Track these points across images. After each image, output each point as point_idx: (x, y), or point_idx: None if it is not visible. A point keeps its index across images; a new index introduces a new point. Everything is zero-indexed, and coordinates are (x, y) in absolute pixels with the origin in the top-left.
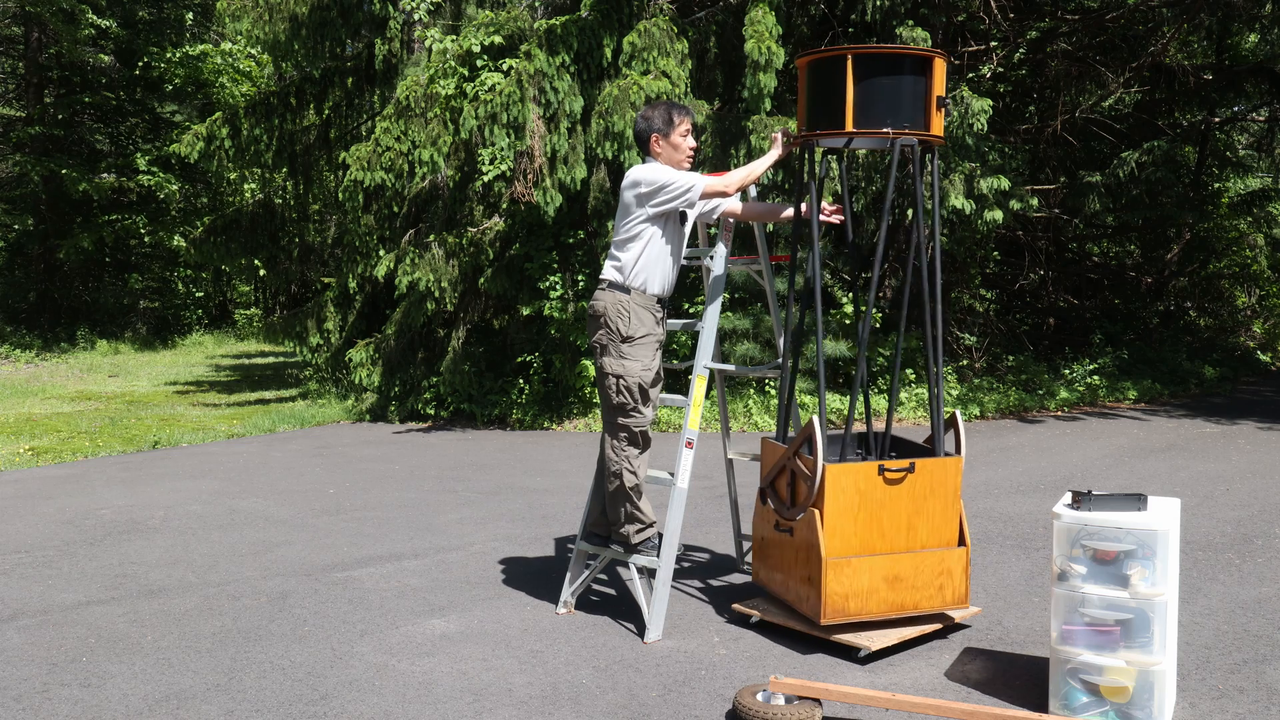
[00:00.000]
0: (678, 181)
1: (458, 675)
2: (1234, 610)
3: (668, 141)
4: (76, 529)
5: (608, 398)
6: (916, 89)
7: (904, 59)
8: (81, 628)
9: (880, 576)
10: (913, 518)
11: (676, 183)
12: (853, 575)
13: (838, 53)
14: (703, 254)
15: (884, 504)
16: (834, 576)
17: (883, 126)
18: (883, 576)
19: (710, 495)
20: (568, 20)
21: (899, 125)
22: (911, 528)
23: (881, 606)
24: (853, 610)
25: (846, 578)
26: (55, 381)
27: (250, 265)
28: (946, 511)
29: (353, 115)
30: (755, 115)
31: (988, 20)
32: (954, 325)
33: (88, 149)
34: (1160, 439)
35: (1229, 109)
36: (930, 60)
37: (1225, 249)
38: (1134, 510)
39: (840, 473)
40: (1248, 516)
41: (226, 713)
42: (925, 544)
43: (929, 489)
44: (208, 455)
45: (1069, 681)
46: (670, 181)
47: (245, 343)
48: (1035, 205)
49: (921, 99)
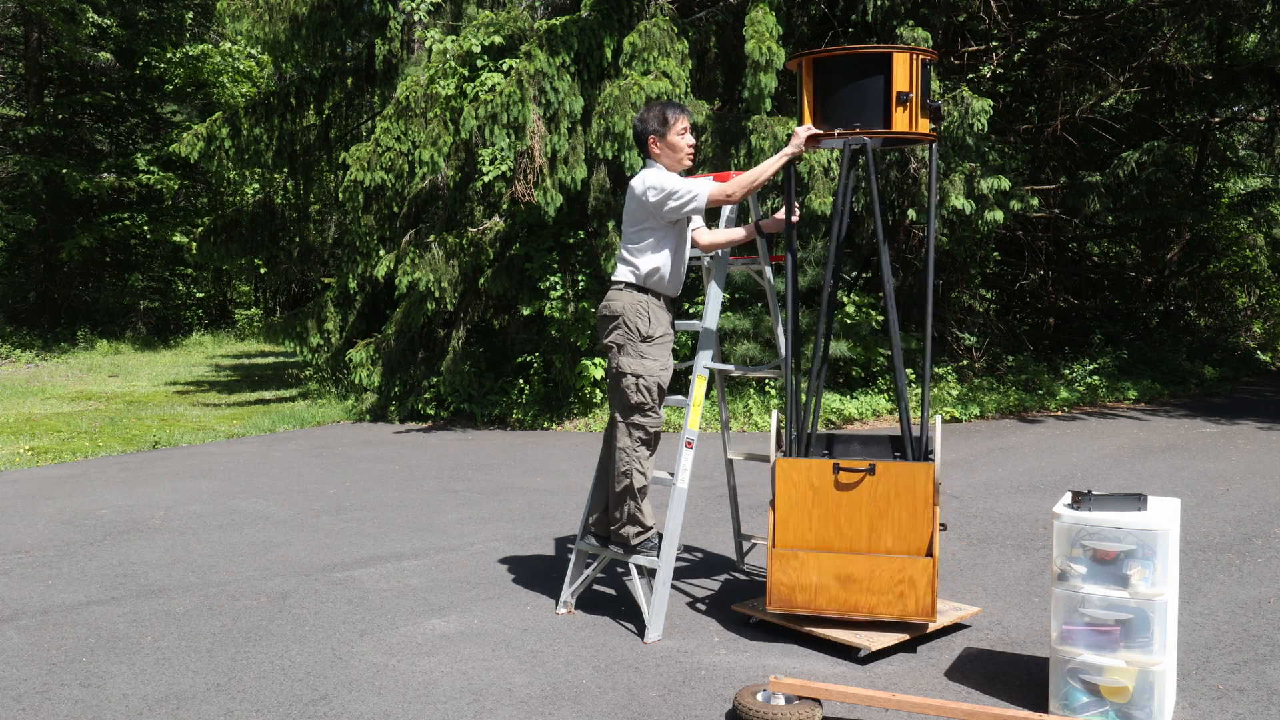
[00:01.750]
0: (682, 190)
1: (458, 675)
2: (1234, 610)
3: (665, 142)
4: (76, 529)
5: (625, 397)
6: (873, 87)
7: (859, 59)
8: (81, 628)
9: (831, 574)
10: (875, 520)
11: (681, 191)
12: (800, 568)
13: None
14: (703, 254)
15: (841, 503)
16: (779, 567)
17: (838, 127)
18: (834, 574)
19: (710, 495)
20: (568, 20)
21: (850, 126)
22: (874, 530)
23: (832, 604)
24: (799, 603)
25: (793, 570)
26: (55, 381)
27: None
28: (915, 519)
29: (353, 115)
30: (755, 115)
31: (988, 20)
32: (954, 325)
33: (88, 149)
34: (1160, 439)
35: (1229, 109)
36: (888, 57)
37: (1225, 249)
38: (1134, 510)
39: (790, 467)
40: (1248, 516)
41: (226, 713)
42: (890, 549)
43: (893, 493)
44: (208, 455)
45: (1069, 681)
46: (675, 190)
47: (245, 343)
48: (1035, 205)
49: (879, 96)
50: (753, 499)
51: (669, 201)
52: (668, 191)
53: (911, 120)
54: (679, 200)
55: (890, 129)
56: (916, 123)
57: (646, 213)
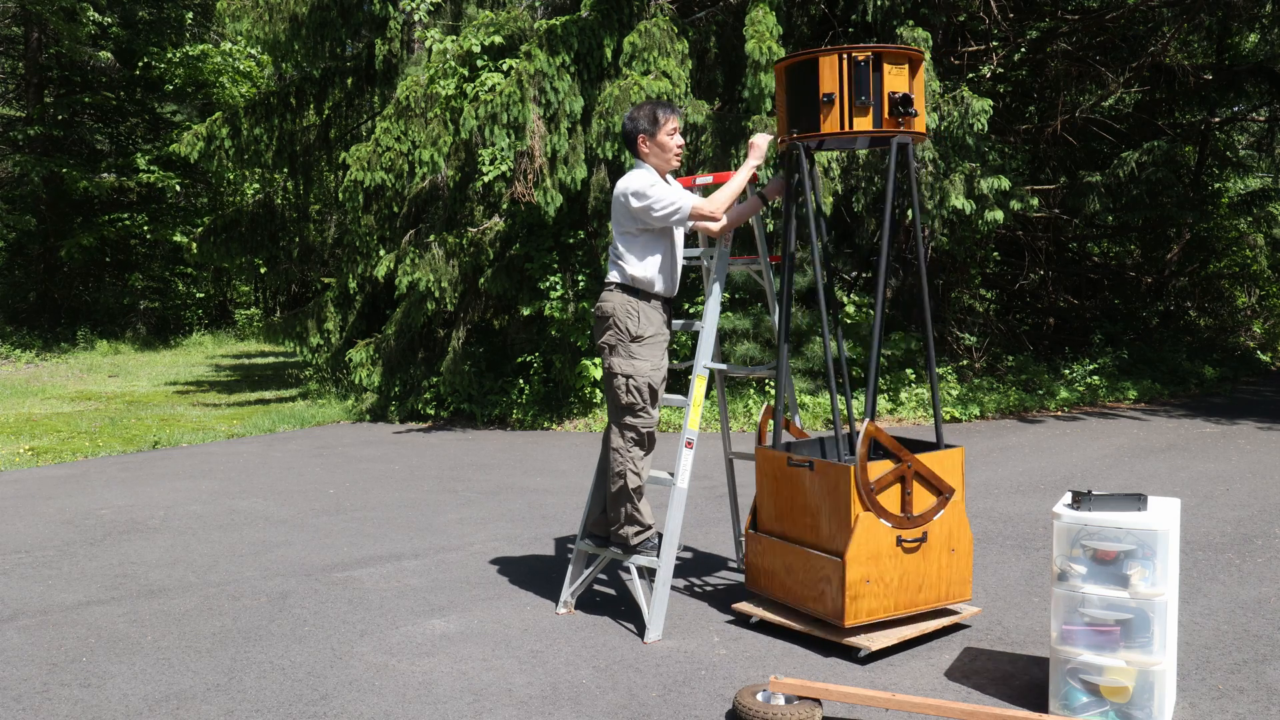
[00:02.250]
0: (664, 202)
1: (458, 675)
2: (1234, 610)
3: (654, 141)
4: (76, 529)
5: (616, 398)
6: (810, 92)
7: (800, 65)
8: (81, 628)
9: (780, 561)
10: (816, 515)
11: (663, 203)
12: (763, 552)
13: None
14: (704, 255)
15: (793, 495)
16: (752, 549)
17: (789, 132)
18: (782, 562)
19: (710, 495)
20: (568, 20)
21: (789, 132)
22: (815, 525)
23: (780, 591)
24: (763, 585)
25: (758, 553)
26: (55, 381)
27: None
28: (839, 518)
29: (353, 115)
30: (756, 115)
31: (988, 20)
32: (954, 325)
33: (88, 149)
34: (1160, 439)
35: (1229, 109)
36: (815, 62)
37: (1225, 249)
38: (1134, 510)
39: (761, 456)
40: (1248, 516)
41: (226, 713)
42: (822, 545)
43: (826, 491)
44: (208, 455)
45: (1069, 681)
46: (658, 201)
47: (245, 343)
48: (1035, 205)
49: (812, 100)
50: (755, 499)
51: (651, 211)
52: (648, 202)
53: (843, 120)
54: (659, 213)
55: (820, 131)
56: (849, 122)
57: (630, 216)
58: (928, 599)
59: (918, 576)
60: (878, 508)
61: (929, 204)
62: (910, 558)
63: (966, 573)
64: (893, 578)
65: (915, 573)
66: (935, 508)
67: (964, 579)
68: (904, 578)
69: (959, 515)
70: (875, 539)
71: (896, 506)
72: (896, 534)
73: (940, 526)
